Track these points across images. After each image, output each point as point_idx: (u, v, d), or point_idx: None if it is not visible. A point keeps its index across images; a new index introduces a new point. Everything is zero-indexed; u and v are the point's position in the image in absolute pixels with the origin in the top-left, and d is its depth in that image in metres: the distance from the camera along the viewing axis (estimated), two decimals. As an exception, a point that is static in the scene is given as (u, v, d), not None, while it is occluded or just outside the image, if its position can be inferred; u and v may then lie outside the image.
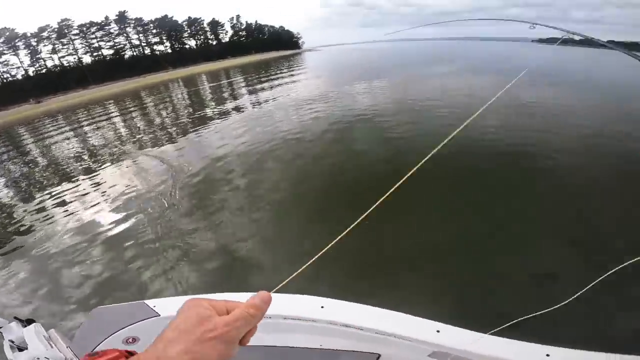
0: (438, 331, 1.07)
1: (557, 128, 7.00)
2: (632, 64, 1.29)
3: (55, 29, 52.58)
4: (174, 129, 11.25)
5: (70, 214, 5.39)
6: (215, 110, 13.85)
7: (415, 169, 0.83)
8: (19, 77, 48.17)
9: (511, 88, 1.27)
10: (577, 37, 1.33)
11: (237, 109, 13.25)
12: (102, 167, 7.75)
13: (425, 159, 0.89)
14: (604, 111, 8.60)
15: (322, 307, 1.22)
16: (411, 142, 6.55)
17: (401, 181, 0.80)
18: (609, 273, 1.05)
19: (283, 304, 1.28)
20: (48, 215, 5.52)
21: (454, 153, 5.03)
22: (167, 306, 1.36)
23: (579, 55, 27.05)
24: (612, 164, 5.11)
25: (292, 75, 25.19)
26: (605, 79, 15.78)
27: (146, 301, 1.37)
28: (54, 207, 5.84)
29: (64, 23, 53.29)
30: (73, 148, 10.86)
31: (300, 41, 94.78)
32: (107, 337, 1.25)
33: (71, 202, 5.94)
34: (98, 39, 57.66)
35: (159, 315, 1.31)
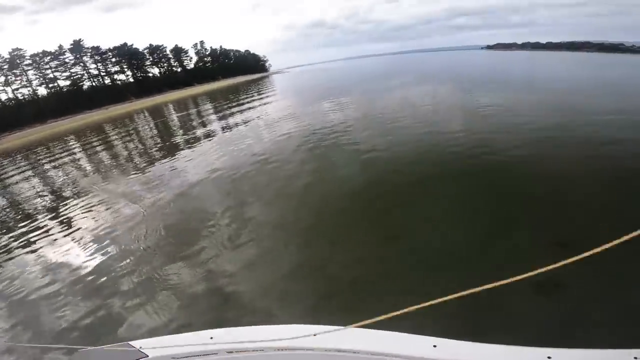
0: (435, 346, 1.06)
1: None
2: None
3: (7, 59, 50.10)
4: (144, 162, 10.98)
5: (37, 258, 5.11)
6: (186, 138, 13.70)
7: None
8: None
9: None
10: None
11: (208, 136, 13.18)
12: (69, 207, 7.39)
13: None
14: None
15: (315, 334, 1.21)
16: (384, 154, 6.95)
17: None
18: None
19: (276, 334, 1.25)
20: (12, 258, 5.22)
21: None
22: (155, 346, 1.29)
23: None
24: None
25: (262, 98, 25.45)
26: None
27: (131, 342, 1.32)
28: (20, 253, 5.47)
29: (15, 53, 50.92)
30: (37, 189, 10.26)
31: (267, 64, 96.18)
32: None
33: (38, 246, 5.61)
34: (53, 69, 55.38)
35: (147, 357, 1.26)
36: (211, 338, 1.27)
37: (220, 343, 1.25)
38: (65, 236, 5.87)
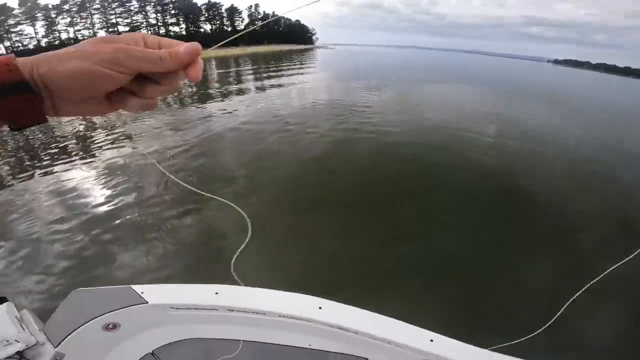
0: (432, 340, 1.07)
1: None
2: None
3: (78, 2, 52.64)
4: (177, 106, 11.29)
5: (49, 184, 4.95)
6: (221, 92, 13.89)
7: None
8: (31, 47, 48.04)
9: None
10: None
11: (242, 92, 13.38)
12: (95, 139, 7.49)
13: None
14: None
15: (320, 307, 1.19)
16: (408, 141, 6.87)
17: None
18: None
19: (281, 301, 1.23)
20: (31, 192, 4.84)
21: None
22: (157, 293, 1.22)
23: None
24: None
25: (302, 68, 25.28)
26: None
27: (133, 286, 1.25)
28: (39, 186, 5.03)
29: (88, -4, 53.26)
30: (71, 128, 10.54)
31: (314, 37, 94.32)
32: (86, 322, 1.13)
33: (52, 176, 5.35)
34: (117, 15, 57.79)
35: (147, 303, 1.18)
36: (216, 293, 1.24)
37: (223, 299, 1.22)
38: (84, 164, 5.88)
